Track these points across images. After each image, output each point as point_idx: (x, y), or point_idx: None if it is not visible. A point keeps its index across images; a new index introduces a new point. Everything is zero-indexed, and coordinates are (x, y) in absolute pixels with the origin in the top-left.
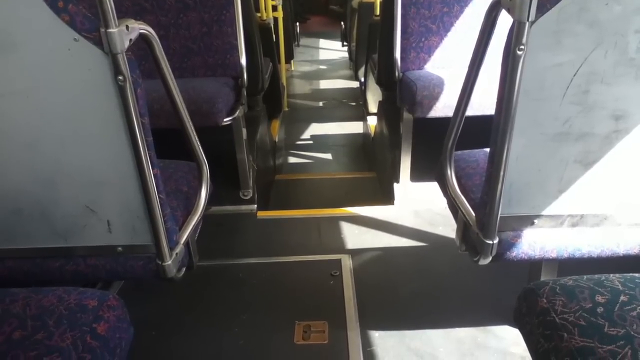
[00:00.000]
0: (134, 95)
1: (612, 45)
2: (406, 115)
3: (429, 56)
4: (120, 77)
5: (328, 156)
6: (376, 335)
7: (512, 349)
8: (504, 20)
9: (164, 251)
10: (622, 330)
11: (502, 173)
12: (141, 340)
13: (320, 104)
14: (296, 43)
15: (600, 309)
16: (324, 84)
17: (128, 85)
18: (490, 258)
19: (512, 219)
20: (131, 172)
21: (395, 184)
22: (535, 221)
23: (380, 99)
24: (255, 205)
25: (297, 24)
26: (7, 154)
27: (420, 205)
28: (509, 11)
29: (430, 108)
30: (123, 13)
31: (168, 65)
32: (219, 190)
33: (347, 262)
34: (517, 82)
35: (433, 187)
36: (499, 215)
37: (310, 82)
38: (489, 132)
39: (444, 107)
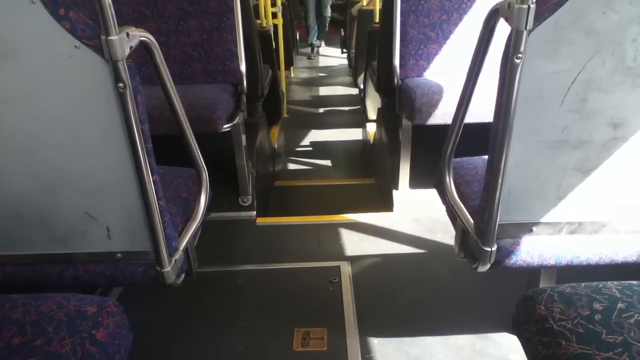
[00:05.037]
0: (134, 102)
1: (609, 53)
2: (405, 122)
3: (428, 63)
4: (121, 84)
5: (327, 163)
6: (375, 342)
7: (510, 356)
8: (502, 29)
9: (163, 257)
10: (619, 338)
11: (500, 180)
12: (140, 346)
13: (320, 110)
14: (296, 50)
15: (598, 316)
16: (324, 91)
17: (128, 92)
18: (488, 265)
19: (510, 226)
20: (131, 178)
21: (394, 191)
22: (534, 228)
23: (380, 106)
24: (255, 212)
25: (297, 34)
26: (7, 160)
27: (419, 212)
28: (507, 20)
29: (429, 115)
30: (123, 20)
31: (168, 72)
32: (219, 196)
33: (346, 269)
34: (515, 90)
35: (432, 193)
36: (497, 223)
37: (309, 88)
38: (487, 139)
39: (442, 114)
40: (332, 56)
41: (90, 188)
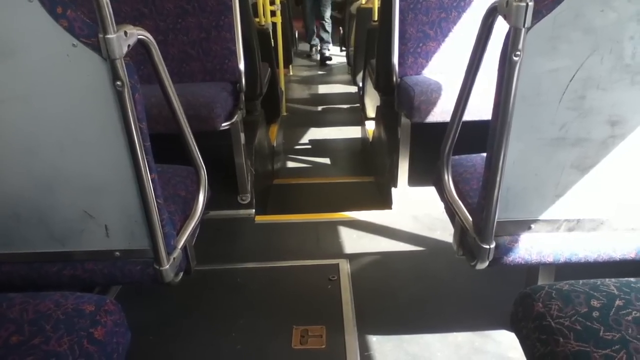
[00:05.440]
0: (132, 101)
1: (607, 51)
2: (404, 120)
3: (427, 61)
4: (119, 83)
5: (326, 161)
6: (374, 340)
7: (509, 353)
8: (501, 26)
9: (161, 256)
10: (617, 335)
11: (498, 178)
12: (139, 344)
13: (319, 108)
14: (295, 48)
15: (595, 314)
16: (323, 89)
17: (126, 90)
18: (487, 262)
19: (509, 224)
20: (129, 177)
21: (393, 189)
22: (532, 226)
23: (378, 104)
24: (254, 210)
25: (296, 32)
26: (5, 159)
27: (418, 210)
28: (505, 17)
29: (427, 113)
30: (122, 18)
31: (166, 71)
32: (217, 194)
33: (345, 267)
34: (513, 88)
35: (431, 191)
36: (495, 220)
37: (308, 86)
38: (486, 136)
39: (441, 112)
40: (331, 54)
41: (88, 187)
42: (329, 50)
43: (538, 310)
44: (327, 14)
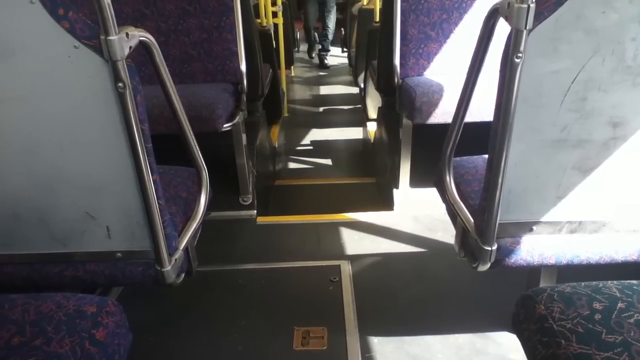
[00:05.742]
0: (134, 102)
1: (609, 52)
2: (405, 121)
3: (428, 62)
4: (120, 84)
5: (328, 162)
6: (375, 341)
7: (510, 355)
8: (502, 28)
9: (163, 257)
10: (619, 337)
11: (500, 179)
12: (140, 345)
13: (320, 109)
14: (296, 49)
15: (597, 316)
16: (324, 90)
17: (128, 92)
18: (488, 264)
19: (510, 225)
20: (130, 178)
21: (394, 190)
22: (534, 227)
23: (380, 105)
24: (255, 211)
25: (298, 33)
26: (6, 159)
27: (419, 211)
28: (506, 19)
29: (429, 114)
30: (123, 19)
31: (167, 72)
32: (219, 195)
33: (346, 268)
34: (515, 89)
35: (432, 192)
36: (497, 222)
37: (310, 87)
38: (487, 138)
39: (443, 113)
40: (333, 55)
41: (89, 187)
42: (327, 59)
43: (540, 312)
44: (331, 18)
